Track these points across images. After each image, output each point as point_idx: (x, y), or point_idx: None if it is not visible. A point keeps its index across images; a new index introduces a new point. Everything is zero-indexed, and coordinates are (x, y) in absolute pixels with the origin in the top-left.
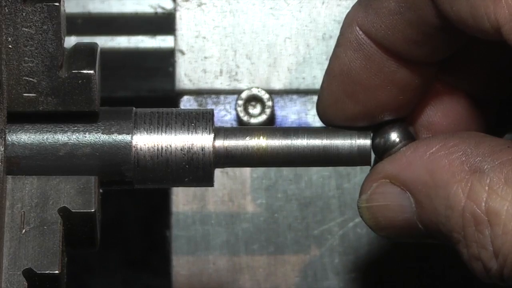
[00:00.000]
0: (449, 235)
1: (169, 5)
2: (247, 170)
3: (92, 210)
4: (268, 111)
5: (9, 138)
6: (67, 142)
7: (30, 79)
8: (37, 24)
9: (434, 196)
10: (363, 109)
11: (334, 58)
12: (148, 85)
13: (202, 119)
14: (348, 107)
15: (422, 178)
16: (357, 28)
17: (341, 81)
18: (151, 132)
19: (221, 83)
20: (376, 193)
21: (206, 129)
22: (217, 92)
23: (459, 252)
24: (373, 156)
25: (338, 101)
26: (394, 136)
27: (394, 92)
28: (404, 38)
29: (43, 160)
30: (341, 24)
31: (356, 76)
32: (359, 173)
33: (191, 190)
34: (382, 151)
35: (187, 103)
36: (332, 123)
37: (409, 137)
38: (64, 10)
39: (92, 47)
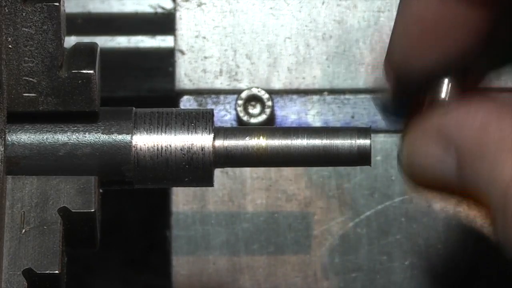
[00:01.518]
0: (487, 204)
1: (169, 5)
2: (247, 170)
3: (92, 210)
4: (268, 111)
5: (9, 138)
6: (67, 142)
7: (30, 79)
8: (37, 24)
9: (479, 164)
10: (443, 54)
11: (405, 7)
12: (148, 85)
13: (202, 119)
14: (428, 54)
15: (470, 143)
16: None
17: (418, 28)
18: (151, 132)
19: (221, 83)
20: (419, 147)
21: (206, 129)
22: (217, 92)
23: (494, 222)
24: (373, 156)
25: (416, 49)
26: (443, 90)
27: (471, 33)
28: None
29: (43, 160)
30: (341, 24)
31: (432, 20)
32: (359, 173)
33: (191, 190)
34: (430, 102)
35: (187, 103)
36: (410, 74)
37: (456, 94)
38: (64, 10)
39: (92, 47)
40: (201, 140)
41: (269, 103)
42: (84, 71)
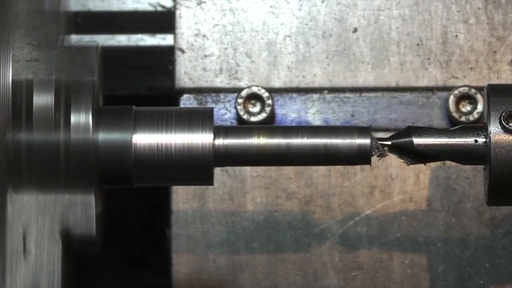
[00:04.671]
0: None
1: (169, 3)
2: (247, 168)
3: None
4: (268, 109)
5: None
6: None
7: None
8: None
9: None
10: None
11: None
12: (148, 83)
13: (202, 118)
14: None
15: None
16: None
17: None
18: (151, 131)
19: (221, 82)
20: None
21: (206, 127)
22: (217, 91)
23: None
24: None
25: None
26: None
27: None
28: None
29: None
30: (341, 23)
31: None
32: (359, 171)
33: (191, 189)
34: None
35: (187, 101)
36: None
37: None
38: None
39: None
40: (201, 139)
41: (269, 101)
42: None
